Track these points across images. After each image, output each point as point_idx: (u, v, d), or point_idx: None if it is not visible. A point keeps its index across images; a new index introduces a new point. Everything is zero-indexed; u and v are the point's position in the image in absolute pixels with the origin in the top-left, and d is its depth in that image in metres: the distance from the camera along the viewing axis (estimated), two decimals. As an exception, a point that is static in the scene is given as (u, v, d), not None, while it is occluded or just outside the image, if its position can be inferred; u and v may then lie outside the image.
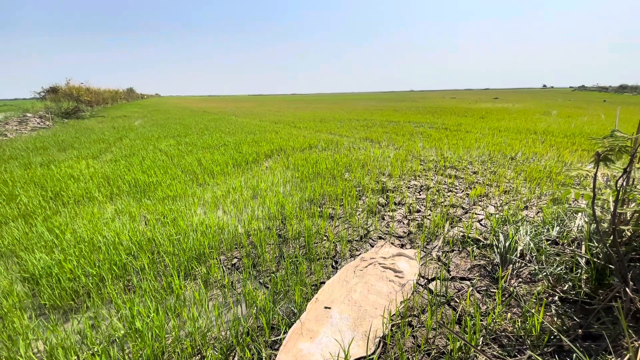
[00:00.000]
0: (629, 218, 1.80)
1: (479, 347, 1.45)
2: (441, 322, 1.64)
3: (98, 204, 3.47)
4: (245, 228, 2.78)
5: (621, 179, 1.40)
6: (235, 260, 2.35)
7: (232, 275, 2.16)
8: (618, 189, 1.39)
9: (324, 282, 2.03)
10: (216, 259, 2.34)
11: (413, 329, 1.62)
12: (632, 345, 1.27)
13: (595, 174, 1.35)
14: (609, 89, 46.91)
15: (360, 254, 2.38)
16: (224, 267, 2.26)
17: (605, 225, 1.87)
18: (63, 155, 6.10)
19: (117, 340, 1.61)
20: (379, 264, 2.19)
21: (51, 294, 1.95)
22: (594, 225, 1.97)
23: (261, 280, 2.09)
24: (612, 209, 1.44)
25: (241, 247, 2.49)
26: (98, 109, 23.56)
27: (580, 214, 2.32)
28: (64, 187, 3.93)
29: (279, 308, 1.81)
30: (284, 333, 1.60)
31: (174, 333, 1.61)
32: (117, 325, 1.68)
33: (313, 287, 1.99)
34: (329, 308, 1.75)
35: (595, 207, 1.39)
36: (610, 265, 1.62)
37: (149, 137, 8.20)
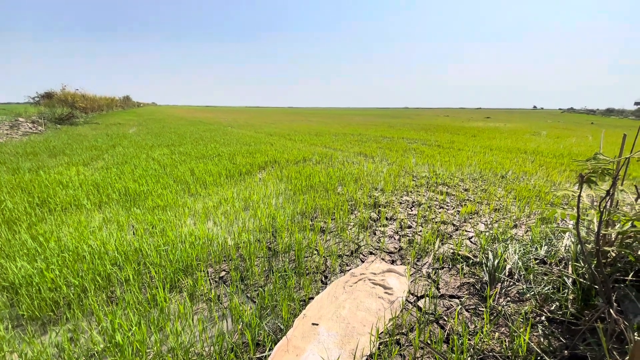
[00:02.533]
0: (613, 239, 1.83)
1: (466, 368, 1.43)
2: (427, 342, 1.62)
3: (86, 212, 3.41)
4: (235, 240, 2.75)
5: (604, 200, 1.44)
6: (223, 273, 2.31)
7: (219, 288, 2.12)
8: (602, 210, 1.42)
9: (312, 298, 2.00)
10: (203, 271, 2.30)
11: (401, 347, 1.60)
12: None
13: (579, 196, 1.38)
14: (596, 111, 48.37)
15: (350, 269, 2.36)
16: (211, 280, 2.22)
17: (590, 246, 1.89)
18: (53, 162, 6.02)
19: (96, 354, 1.56)
20: (369, 279, 2.17)
21: (30, 304, 1.89)
22: (580, 246, 1.99)
23: (249, 295, 2.05)
24: (596, 230, 1.47)
25: (230, 260, 2.46)
26: (93, 115, 23.44)
27: (567, 234, 2.35)
28: (51, 193, 3.86)
29: (266, 324, 1.77)
30: (270, 350, 1.57)
31: (155, 348, 1.56)
32: (97, 339, 1.63)
33: (301, 303, 1.96)
34: (317, 324, 1.72)
35: (580, 228, 1.41)
36: (596, 286, 1.64)
37: (143, 145, 8.16)
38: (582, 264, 1.83)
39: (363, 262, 2.47)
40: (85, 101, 24.67)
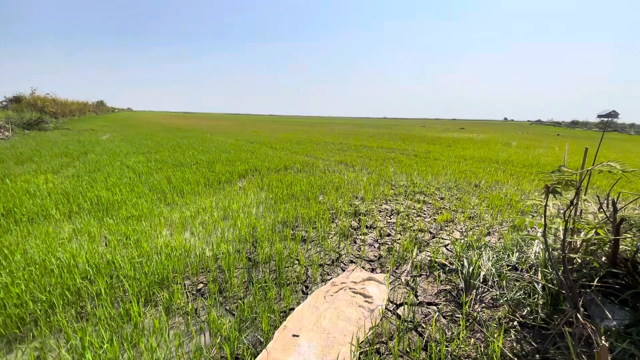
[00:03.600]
0: (578, 246, 1.94)
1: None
2: (406, 350, 1.65)
3: (54, 223, 3.24)
4: (213, 251, 2.69)
5: (569, 210, 1.53)
6: (201, 285, 2.25)
7: (197, 301, 2.07)
8: (566, 219, 1.51)
9: (293, 309, 1.99)
10: (180, 283, 2.23)
11: (381, 356, 1.61)
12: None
13: (546, 205, 1.46)
14: (562, 123, 51.43)
15: (331, 278, 2.36)
16: (188, 293, 2.15)
17: (557, 253, 2.00)
18: (20, 169, 5.69)
19: (63, 375, 1.47)
20: (350, 288, 2.18)
21: (-9, 322, 1.76)
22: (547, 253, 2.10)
23: (227, 307, 2.01)
24: (562, 238, 1.56)
25: (208, 272, 2.40)
26: (64, 121, 22.39)
27: (536, 241, 2.47)
28: (17, 203, 3.64)
29: (245, 337, 1.74)
30: (249, 363, 1.54)
31: (128, 366, 1.49)
32: (66, 358, 1.54)
33: (282, 314, 1.94)
34: (297, 336, 1.71)
35: (547, 236, 1.49)
36: (564, 291, 1.73)
37: (117, 152, 7.88)
38: (550, 270, 1.93)
39: (344, 270, 2.49)
40: (56, 106, 23.61)
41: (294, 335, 1.71)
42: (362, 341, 1.70)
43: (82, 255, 2.45)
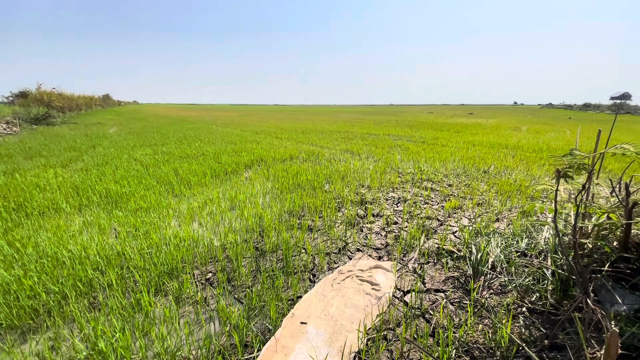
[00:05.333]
0: (590, 231, 1.90)
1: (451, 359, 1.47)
2: (414, 337, 1.65)
3: (65, 216, 3.30)
4: (221, 241, 2.71)
5: (580, 194, 1.49)
6: (210, 275, 2.28)
7: (206, 290, 2.10)
8: (578, 204, 1.47)
9: (301, 297, 2.01)
10: (189, 273, 2.26)
11: (388, 342, 1.62)
12: (594, 355, 1.32)
13: (557, 190, 1.42)
14: (574, 107, 50.10)
15: (338, 266, 2.37)
16: (197, 283, 2.19)
17: (567, 238, 1.96)
18: (29, 164, 5.79)
19: (78, 363, 1.52)
20: (357, 276, 2.19)
21: (8, 312, 1.82)
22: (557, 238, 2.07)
23: (236, 296, 2.04)
24: (573, 223, 1.53)
25: (216, 261, 2.43)
26: (71, 115, 22.63)
27: (546, 227, 2.43)
28: (28, 197, 3.72)
29: (254, 325, 1.76)
30: (258, 351, 1.56)
31: (140, 354, 1.53)
32: (79, 347, 1.59)
33: (290, 302, 1.96)
34: (305, 323, 1.73)
35: (557, 221, 1.46)
36: (574, 277, 1.70)
37: (124, 145, 7.95)
38: (560, 256, 1.90)
39: (351, 259, 2.49)
40: (62, 100, 23.81)
41: (302, 323, 1.73)
42: (370, 328, 1.71)
43: (92, 247, 2.50)
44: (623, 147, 1.41)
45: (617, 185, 1.92)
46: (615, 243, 1.80)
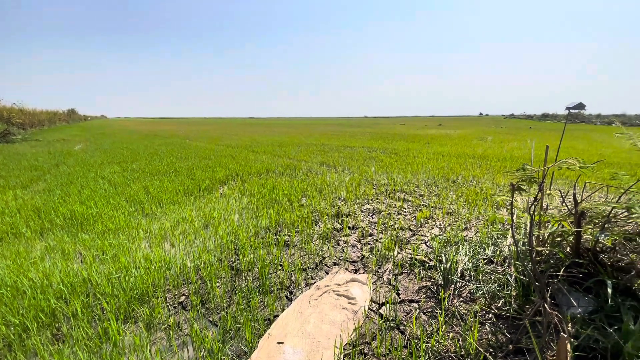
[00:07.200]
0: (546, 238, 2.05)
1: (424, 370, 1.51)
2: (387, 351, 1.69)
3: (25, 241, 3.10)
4: (194, 262, 2.65)
5: (534, 205, 1.61)
6: (183, 298, 2.22)
7: (179, 315, 2.04)
8: (532, 214, 1.59)
9: (277, 315, 2.00)
10: (161, 297, 2.19)
11: (365, 357, 1.65)
12: (553, 357, 1.42)
13: (512, 202, 1.54)
14: (533, 117, 53.58)
15: (315, 282, 2.38)
16: (169, 307, 2.12)
17: (525, 247, 2.10)
18: (-17, 185, 5.40)
19: (39, 402, 1.42)
20: (333, 291, 2.21)
21: (-43, 352, 1.68)
22: (515, 246, 2.20)
23: (210, 319, 1.99)
24: (529, 232, 1.64)
25: (189, 283, 2.37)
26: (32, 131, 21.38)
27: (509, 234, 2.58)
28: (-18, 222, 3.47)
29: (229, 348, 1.73)
30: (234, 375, 1.54)
31: (108, 387, 1.46)
32: (40, 385, 1.49)
33: (266, 322, 1.95)
34: (282, 343, 1.72)
35: (515, 231, 1.57)
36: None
37: (91, 163, 7.60)
38: (521, 263, 2.02)
39: (328, 273, 2.51)
40: (24, 116, 22.52)
41: (278, 343, 1.72)
42: (346, 343, 1.73)
43: (55, 274, 2.37)
44: (568, 161, 1.55)
45: (568, 194, 2.09)
46: (568, 249, 1.95)
